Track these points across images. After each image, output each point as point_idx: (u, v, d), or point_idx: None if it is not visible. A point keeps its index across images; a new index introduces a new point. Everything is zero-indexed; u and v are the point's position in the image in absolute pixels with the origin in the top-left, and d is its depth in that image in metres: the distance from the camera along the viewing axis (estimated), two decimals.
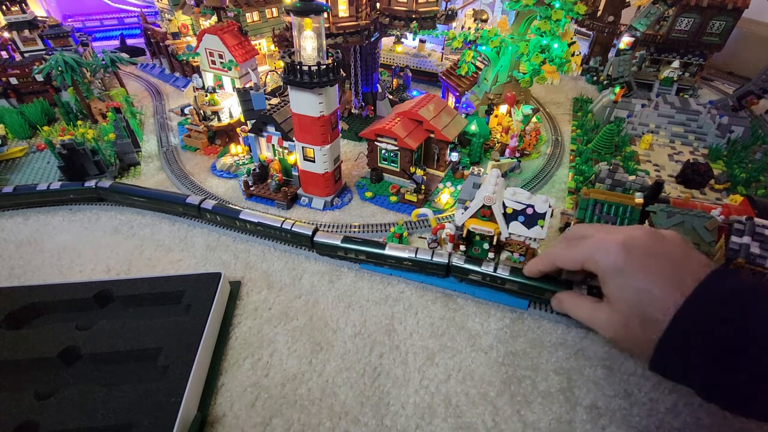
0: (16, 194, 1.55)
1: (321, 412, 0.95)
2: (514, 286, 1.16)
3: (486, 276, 1.18)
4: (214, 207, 1.42)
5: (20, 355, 1.00)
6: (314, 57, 1.31)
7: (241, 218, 1.38)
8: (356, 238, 1.30)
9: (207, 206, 1.42)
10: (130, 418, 0.86)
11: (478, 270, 1.19)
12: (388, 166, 1.69)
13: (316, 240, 1.31)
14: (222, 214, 1.41)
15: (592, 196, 1.22)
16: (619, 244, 0.81)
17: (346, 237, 1.29)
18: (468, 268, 1.20)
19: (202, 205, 1.42)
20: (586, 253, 0.87)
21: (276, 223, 1.34)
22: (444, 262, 1.21)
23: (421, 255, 1.23)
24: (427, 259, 1.22)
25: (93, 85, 2.37)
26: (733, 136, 2.04)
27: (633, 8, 2.74)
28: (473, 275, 1.21)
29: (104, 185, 1.53)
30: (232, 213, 1.39)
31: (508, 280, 1.15)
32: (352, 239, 1.29)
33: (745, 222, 1.10)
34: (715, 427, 0.93)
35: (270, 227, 1.35)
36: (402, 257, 1.24)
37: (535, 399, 0.98)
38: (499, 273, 1.16)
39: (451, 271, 1.24)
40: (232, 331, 1.13)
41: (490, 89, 2.04)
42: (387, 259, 1.26)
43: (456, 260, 1.21)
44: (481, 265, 1.19)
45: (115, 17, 3.69)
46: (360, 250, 1.27)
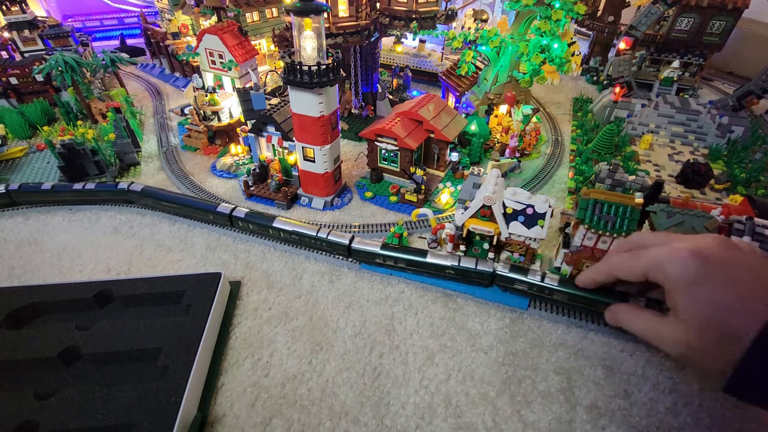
0: (56, 191, 1.55)
1: (321, 412, 0.95)
2: (563, 297, 1.10)
3: (533, 286, 1.13)
4: (246, 215, 1.38)
5: (20, 355, 0.99)
6: (314, 57, 1.31)
7: (275, 226, 1.33)
8: (395, 245, 1.26)
9: (239, 214, 1.38)
10: (130, 418, 0.86)
11: (525, 279, 1.13)
12: (388, 166, 1.69)
13: (353, 247, 1.27)
14: (255, 223, 1.37)
15: (592, 196, 1.22)
16: (692, 252, 0.73)
17: (384, 244, 1.26)
18: (513, 278, 1.14)
19: (233, 213, 1.39)
20: (652, 262, 0.79)
21: (311, 231, 1.30)
22: (489, 270, 1.15)
23: (465, 263, 1.17)
24: (470, 268, 1.17)
25: (93, 85, 2.37)
26: (733, 136, 2.04)
27: (633, 8, 2.74)
28: (518, 284, 1.15)
29: (136, 188, 1.50)
30: (265, 221, 1.35)
31: (558, 290, 1.09)
32: (390, 246, 1.25)
33: (745, 222, 1.10)
34: (715, 427, 0.93)
35: (305, 236, 1.31)
36: (444, 265, 1.19)
37: (535, 399, 0.98)
38: (547, 283, 1.10)
39: (496, 280, 1.18)
40: (232, 331, 1.13)
41: (490, 89, 2.04)
42: (428, 267, 1.21)
43: (501, 269, 1.15)
44: (527, 274, 1.12)
45: (115, 17, 3.69)
46: (399, 258, 1.23)
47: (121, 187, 1.53)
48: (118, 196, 1.56)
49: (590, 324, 1.14)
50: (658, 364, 1.05)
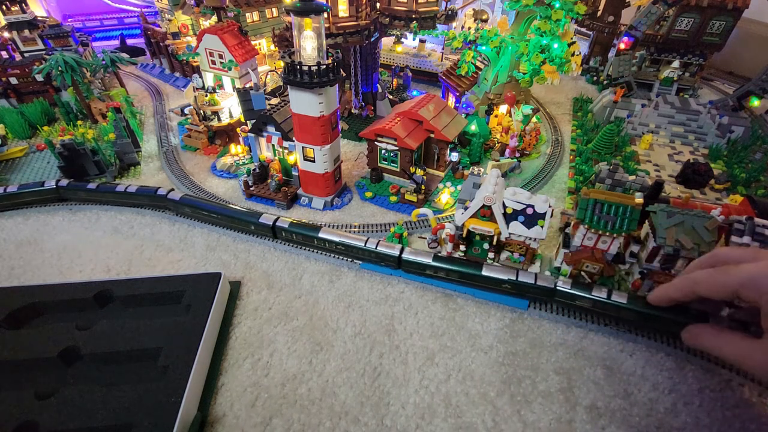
0: (99, 191, 1.54)
1: (321, 412, 0.95)
2: (630, 315, 1.02)
3: (597, 302, 1.05)
4: (290, 225, 1.32)
5: (20, 355, 0.99)
6: (314, 57, 1.31)
7: (321, 237, 1.29)
8: (450, 257, 1.20)
9: (283, 225, 1.34)
10: (130, 418, 0.86)
11: (589, 296, 1.05)
12: (388, 166, 1.70)
13: (404, 258, 1.22)
14: (300, 233, 1.33)
15: (592, 196, 1.22)
16: None
17: (436, 256, 1.20)
18: (575, 294, 1.06)
19: (277, 223, 1.34)
20: (745, 278, 0.73)
21: (359, 243, 1.25)
22: (550, 286, 1.09)
23: (523, 278, 1.10)
24: (530, 283, 1.10)
25: (93, 85, 2.37)
26: (733, 136, 2.04)
27: (633, 8, 2.74)
28: (580, 301, 1.08)
29: (174, 197, 1.45)
30: (311, 232, 1.30)
31: (626, 308, 1.02)
32: (441, 258, 1.20)
33: (745, 222, 1.10)
34: (714, 426, 0.93)
35: (353, 247, 1.26)
36: (501, 279, 1.13)
37: (535, 399, 0.98)
38: (614, 300, 1.02)
39: (556, 295, 1.12)
40: (232, 331, 1.13)
41: (490, 89, 2.04)
42: (482, 280, 1.16)
43: (561, 285, 1.08)
44: (591, 290, 1.04)
45: (115, 17, 3.69)
46: (452, 270, 1.17)
47: (160, 193, 1.49)
48: (155, 202, 1.53)
49: (590, 324, 1.14)
50: (658, 364, 1.05)
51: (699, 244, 1.12)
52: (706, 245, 1.12)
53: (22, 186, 1.56)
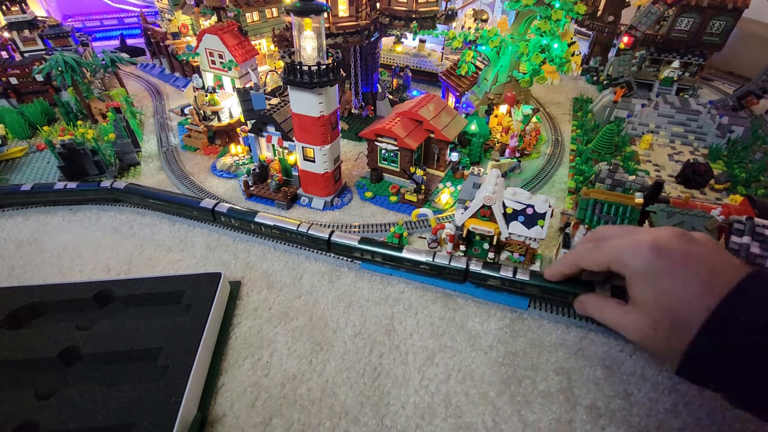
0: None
1: (321, 412, 0.95)
2: (534, 290, 1.13)
3: (505, 281, 1.15)
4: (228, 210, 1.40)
5: (20, 355, 0.99)
6: (314, 57, 1.31)
7: (257, 221, 1.35)
8: (373, 239, 1.28)
9: (222, 209, 1.40)
10: (130, 418, 0.86)
11: (497, 275, 1.15)
12: (388, 166, 1.69)
13: (332, 241, 1.29)
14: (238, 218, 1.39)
15: (592, 196, 1.22)
16: (650, 245, 0.78)
17: (363, 238, 1.27)
18: (486, 274, 1.16)
19: (216, 208, 1.40)
20: (613, 254, 0.83)
21: (293, 227, 1.32)
22: (462, 267, 1.18)
23: (438, 260, 1.20)
24: (444, 264, 1.19)
25: (93, 85, 2.37)
26: (733, 136, 2.04)
27: (633, 8, 2.74)
28: (492, 281, 1.17)
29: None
30: (248, 217, 1.37)
31: (529, 284, 1.12)
32: (368, 241, 1.26)
33: (745, 222, 1.10)
34: (714, 426, 0.93)
35: (286, 230, 1.33)
36: (419, 261, 1.21)
37: (535, 399, 0.98)
38: (519, 277, 1.13)
39: (469, 276, 1.20)
40: (232, 331, 1.13)
41: (490, 89, 2.04)
42: (403, 261, 1.23)
43: (474, 266, 1.18)
44: (499, 270, 1.15)
45: (115, 17, 3.69)
46: (376, 252, 1.25)
47: (104, 186, 1.54)
48: (100, 195, 1.57)
49: (590, 324, 1.14)
50: (658, 364, 1.05)
51: None
52: None
53: None
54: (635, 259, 0.78)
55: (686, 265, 0.74)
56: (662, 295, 0.74)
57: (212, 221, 1.46)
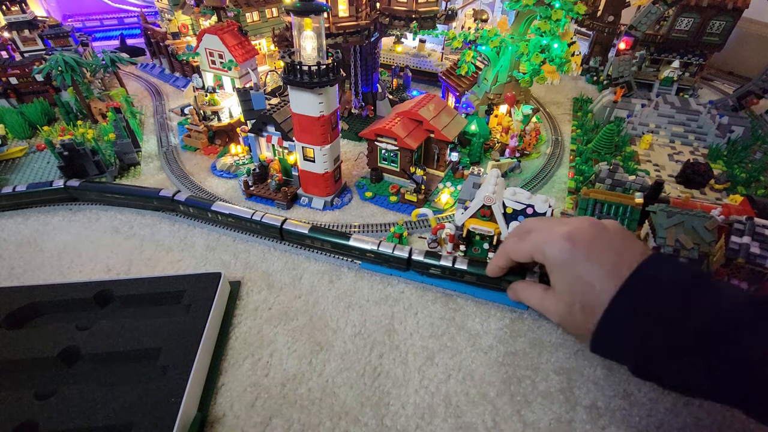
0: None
1: (321, 412, 0.95)
2: (472, 278, 1.19)
3: (446, 269, 1.20)
4: (187, 199, 1.45)
5: (20, 355, 0.99)
6: (314, 57, 1.31)
7: (213, 209, 1.41)
8: (323, 228, 1.34)
9: (180, 198, 1.44)
10: (130, 418, 0.86)
11: (437, 264, 1.21)
12: (388, 166, 1.69)
13: (284, 229, 1.34)
14: (196, 206, 1.45)
15: (592, 196, 1.22)
16: (564, 236, 0.86)
17: (313, 227, 1.33)
18: (427, 262, 1.22)
19: (175, 197, 1.44)
20: (533, 246, 0.92)
21: (247, 215, 1.37)
22: (405, 256, 1.24)
23: (383, 248, 1.25)
24: (388, 253, 1.25)
25: (93, 85, 2.37)
26: (733, 136, 2.04)
27: (633, 8, 2.74)
28: (433, 269, 1.23)
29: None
30: (205, 205, 1.42)
31: (468, 272, 1.19)
32: (318, 229, 1.32)
33: (745, 222, 1.10)
34: (714, 426, 0.93)
35: (241, 218, 1.38)
36: (365, 249, 1.26)
37: (535, 399, 0.98)
38: (457, 266, 1.19)
39: (412, 265, 1.26)
40: (232, 331, 1.13)
41: (490, 89, 2.04)
42: (351, 250, 1.29)
43: (416, 255, 1.23)
44: (440, 259, 1.21)
45: (115, 17, 3.69)
46: (325, 240, 1.31)
47: (57, 185, 1.54)
48: (57, 196, 1.56)
49: None
50: None
51: (699, 244, 1.12)
52: (706, 245, 1.12)
53: None
54: (551, 249, 0.87)
55: (595, 253, 0.82)
56: (574, 281, 0.83)
57: (174, 211, 1.50)
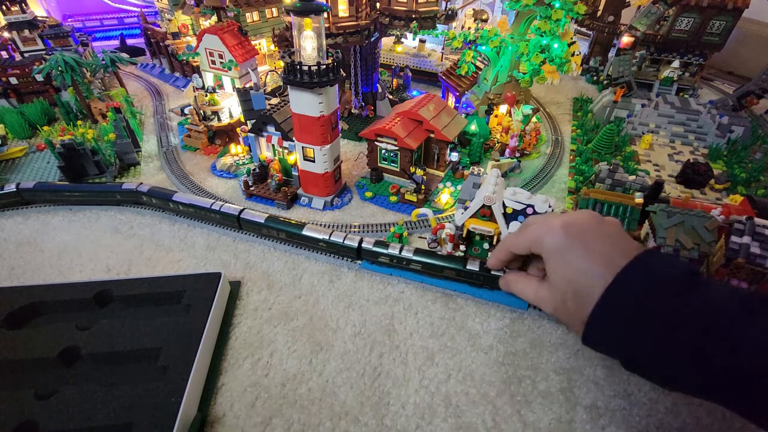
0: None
1: (321, 412, 0.95)
2: (418, 266, 1.24)
3: (393, 258, 1.25)
4: (149, 190, 1.50)
5: (20, 355, 0.99)
6: (314, 57, 1.31)
7: (174, 200, 1.46)
8: (278, 218, 1.39)
9: (143, 189, 1.49)
10: (130, 418, 0.86)
11: (385, 252, 1.25)
12: (388, 166, 1.69)
13: (242, 218, 1.39)
14: (157, 197, 1.49)
15: (592, 196, 1.22)
16: (561, 225, 0.87)
17: (269, 217, 1.38)
18: (376, 251, 1.26)
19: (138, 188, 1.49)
20: (532, 236, 0.93)
21: (207, 204, 1.43)
22: (355, 245, 1.28)
23: (335, 238, 1.30)
24: (339, 242, 1.29)
25: (93, 85, 2.37)
26: (733, 136, 2.04)
27: (633, 8, 2.74)
28: (382, 258, 1.27)
29: (28, 186, 1.48)
30: (166, 196, 1.47)
31: (413, 260, 1.23)
32: (273, 219, 1.38)
33: (745, 222, 1.10)
34: (714, 426, 0.93)
35: (201, 208, 1.43)
36: (317, 238, 1.31)
37: (535, 399, 0.98)
38: (404, 255, 1.23)
39: (362, 254, 1.29)
40: (232, 331, 1.13)
41: (490, 89, 2.04)
42: (304, 239, 1.34)
43: (365, 243, 1.28)
44: (387, 248, 1.25)
45: (115, 17, 3.69)
46: (280, 229, 1.36)
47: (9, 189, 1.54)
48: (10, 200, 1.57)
49: None
50: None
51: (699, 243, 1.12)
52: (706, 245, 1.12)
53: None
54: (549, 238, 0.88)
55: (591, 242, 0.82)
56: (569, 268, 0.83)
57: (138, 204, 1.55)
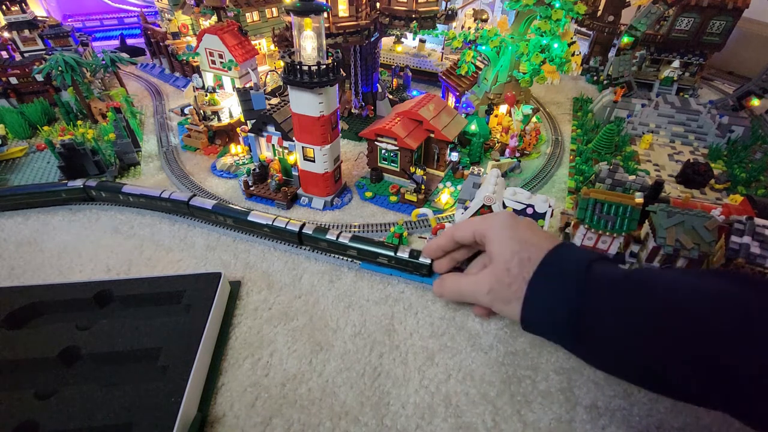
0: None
1: (321, 412, 0.95)
2: (354, 252, 1.29)
3: (331, 243, 1.30)
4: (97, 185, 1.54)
5: (20, 355, 0.99)
6: (314, 57, 1.31)
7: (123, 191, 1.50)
8: (226, 205, 1.44)
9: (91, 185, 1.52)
10: (130, 418, 0.86)
11: (324, 238, 1.31)
12: (388, 166, 1.69)
13: (191, 204, 1.44)
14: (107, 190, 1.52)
15: (592, 195, 1.22)
16: (507, 212, 1.00)
17: (216, 204, 1.43)
18: (315, 236, 1.32)
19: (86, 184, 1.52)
20: (479, 222, 1.01)
21: (156, 193, 1.48)
22: (296, 230, 1.33)
23: (277, 223, 1.35)
24: (281, 227, 1.34)
25: (93, 85, 2.37)
26: (733, 136, 2.04)
27: (633, 8, 2.74)
28: (321, 243, 1.32)
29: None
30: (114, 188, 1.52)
31: (349, 246, 1.28)
32: (221, 206, 1.43)
33: (745, 222, 1.10)
34: (714, 426, 0.93)
35: (152, 198, 1.48)
36: (261, 224, 1.36)
37: (535, 399, 0.98)
38: (341, 241, 1.28)
39: (303, 239, 1.35)
40: (232, 331, 1.13)
41: (490, 89, 2.04)
42: (249, 225, 1.39)
43: (306, 229, 1.33)
44: (326, 234, 1.31)
45: (115, 17, 3.69)
46: (227, 215, 1.41)
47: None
48: None
49: None
50: None
51: (699, 243, 1.12)
52: (706, 245, 1.12)
53: None
54: (497, 219, 0.99)
55: (533, 226, 0.98)
56: (514, 240, 0.92)
57: (86, 201, 1.58)
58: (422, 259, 1.21)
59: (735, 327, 0.63)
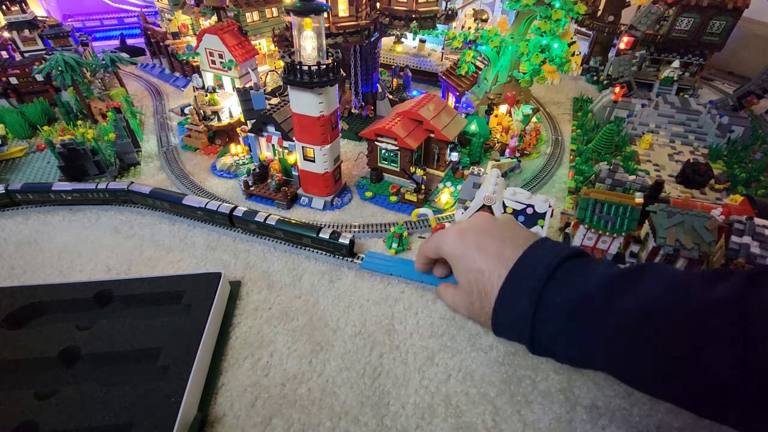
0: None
1: (321, 412, 0.95)
2: (281, 233, 1.36)
3: (259, 225, 1.36)
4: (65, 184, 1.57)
5: (20, 355, 0.99)
6: (314, 57, 1.31)
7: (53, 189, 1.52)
8: (163, 191, 1.51)
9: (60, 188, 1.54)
10: (130, 418, 0.86)
11: (253, 220, 1.36)
12: (388, 166, 1.69)
13: (130, 189, 1.51)
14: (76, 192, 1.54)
15: (592, 195, 1.22)
16: (455, 233, 0.95)
17: (153, 189, 1.49)
18: (245, 219, 1.38)
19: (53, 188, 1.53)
20: (435, 243, 1.01)
21: (123, 186, 1.52)
22: (226, 213, 1.39)
23: (210, 206, 1.41)
24: (214, 210, 1.40)
25: (93, 85, 2.37)
26: (733, 136, 2.04)
27: (633, 8, 2.74)
28: (251, 225, 1.38)
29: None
30: (85, 186, 1.54)
31: (277, 228, 1.34)
32: (158, 192, 1.49)
33: (745, 222, 1.10)
34: (715, 426, 0.93)
35: (115, 191, 1.53)
36: (194, 207, 1.43)
37: (535, 399, 0.98)
38: (268, 222, 1.34)
39: (234, 221, 1.41)
40: (232, 331, 1.13)
41: (490, 89, 2.04)
42: (184, 208, 1.45)
43: (237, 212, 1.39)
44: (255, 216, 1.36)
45: (115, 17, 3.69)
46: (164, 200, 1.48)
47: None
48: None
49: None
50: None
51: (699, 243, 1.12)
52: (706, 245, 1.12)
53: None
54: (446, 245, 0.96)
55: (482, 243, 0.90)
56: (468, 272, 0.90)
57: (44, 203, 1.58)
58: (341, 240, 1.28)
59: None
